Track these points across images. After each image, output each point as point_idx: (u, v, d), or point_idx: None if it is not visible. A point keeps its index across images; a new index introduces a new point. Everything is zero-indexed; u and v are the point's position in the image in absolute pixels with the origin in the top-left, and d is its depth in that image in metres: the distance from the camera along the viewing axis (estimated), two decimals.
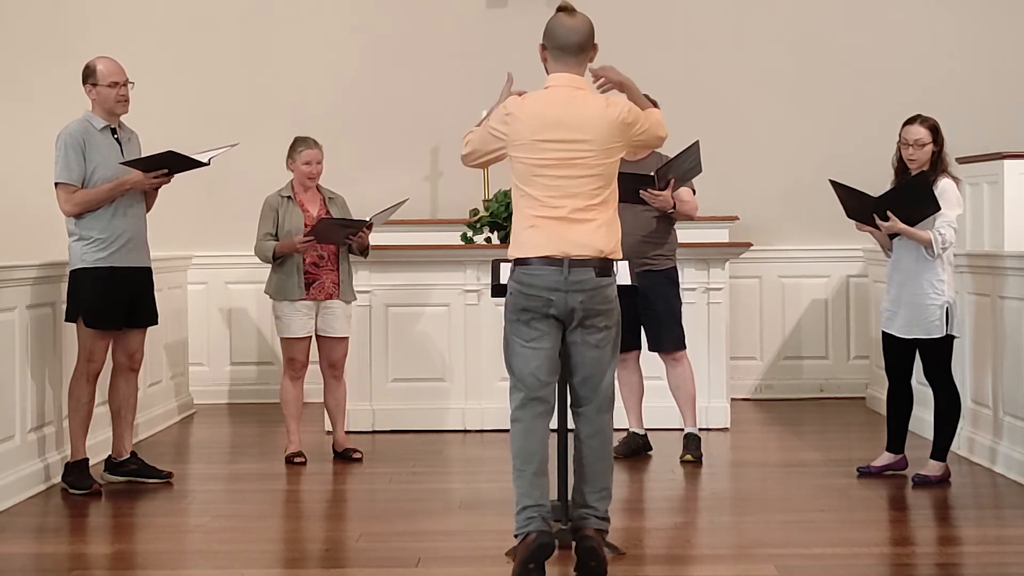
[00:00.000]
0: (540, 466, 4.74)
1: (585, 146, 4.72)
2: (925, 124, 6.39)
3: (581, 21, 4.84)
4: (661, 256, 7.03)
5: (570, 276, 4.70)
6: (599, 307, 4.74)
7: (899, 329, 6.44)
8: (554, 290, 4.70)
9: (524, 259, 4.76)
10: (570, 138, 4.71)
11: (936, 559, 5.20)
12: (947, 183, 6.33)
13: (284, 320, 7.08)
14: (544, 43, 4.86)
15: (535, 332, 4.74)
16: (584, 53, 4.84)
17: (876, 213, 6.29)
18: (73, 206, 6.31)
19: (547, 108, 4.77)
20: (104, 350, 6.44)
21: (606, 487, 4.86)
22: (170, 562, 5.27)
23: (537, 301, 4.72)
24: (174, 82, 9.41)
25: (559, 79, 4.83)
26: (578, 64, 4.84)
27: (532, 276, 4.73)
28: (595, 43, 4.87)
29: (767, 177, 9.54)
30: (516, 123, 4.77)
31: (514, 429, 4.79)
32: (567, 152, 4.71)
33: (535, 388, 4.76)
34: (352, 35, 9.66)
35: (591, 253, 4.72)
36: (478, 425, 8.00)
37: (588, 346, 4.78)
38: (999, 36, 9.58)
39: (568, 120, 4.73)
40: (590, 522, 4.81)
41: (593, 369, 4.81)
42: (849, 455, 7.11)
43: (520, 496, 4.75)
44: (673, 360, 7.16)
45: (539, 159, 4.72)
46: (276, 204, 7.14)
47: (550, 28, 4.84)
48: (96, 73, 6.41)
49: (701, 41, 9.63)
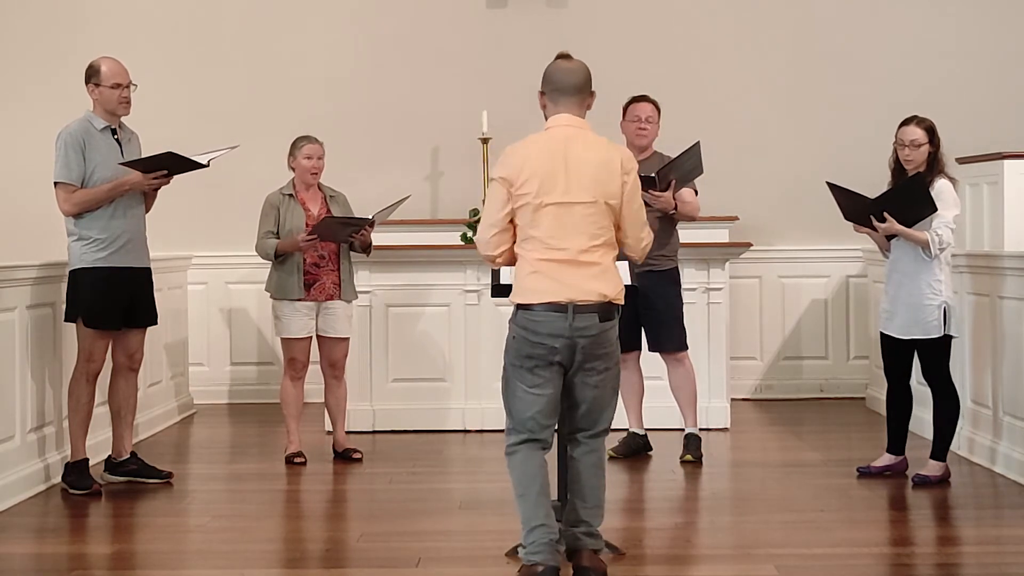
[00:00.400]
0: (542, 487, 4.72)
1: (586, 180, 4.66)
2: (921, 125, 6.39)
3: (578, 64, 4.83)
4: (663, 257, 7.02)
5: (575, 323, 4.64)
6: (599, 351, 4.70)
7: (897, 330, 6.44)
8: (558, 336, 4.65)
9: (527, 304, 4.69)
10: (572, 174, 4.66)
11: (936, 559, 5.20)
12: (944, 184, 6.34)
13: (284, 320, 7.08)
14: (542, 89, 4.84)
15: (539, 379, 4.70)
16: (581, 95, 4.79)
17: (873, 214, 6.29)
18: (72, 206, 6.31)
19: (547, 145, 4.72)
20: (104, 350, 6.44)
21: (599, 503, 4.84)
22: (170, 562, 5.27)
23: (541, 348, 4.67)
24: (174, 83, 9.41)
25: (559, 119, 4.79)
26: (577, 106, 4.79)
27: (536, 323, 4.67)
28: (592, 90, 4.83)
29: (767, 177, 9.54)
30: (517, 164, 4.68)
31: (511, 461, 4.76)
32: (569, 190, 4.65)
33: (535, 431, 4.73)
34: (352, 35, 9.66)
35: (595, 299, 4.67)
36: (478, 425, 8.00)
37: (587, 387, 4.75)
38: (999, 36, 9.57)
39: (569, 158, 4.68)
40: (584, 543, 4.78)
41: (594, 405, 4.79)
42: (849, 455, 7.11)
43: (526, 519, 4.70)
44: (675, 360, 7.16)
45: (542, 197, 4.65)
46: (277, 202, 7.13)
47: (547, 73, 4.82)
48: (100, 73, 6.41)
49: (701, 42, 9.62)
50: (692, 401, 7.19)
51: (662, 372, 7.39)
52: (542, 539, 4.65)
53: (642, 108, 7.11)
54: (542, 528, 4.67)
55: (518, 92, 9.34)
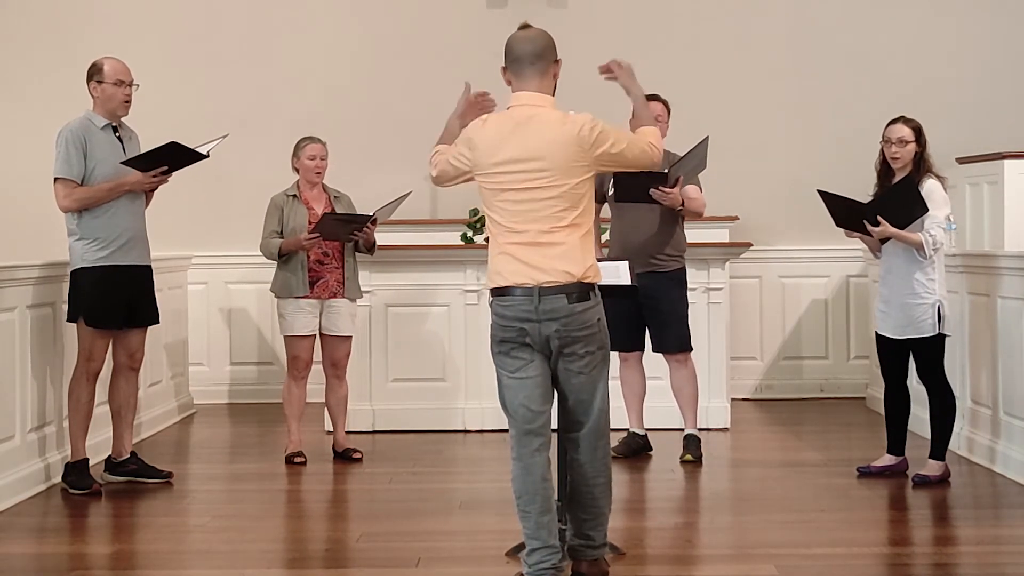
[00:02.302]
0: (543, 504, 4.61)
1: (542, 165, 4.54)
2: (909, 124, 6.44)
3: (536, 32, 4.73)
4: (668, 256, 7.00)
5: (540, 305, 4.53)
6: (576, 334, 4.57)
7: (891, 330, 6.45)
8: (526, 320, 4.54)
9: (497, 288, 4.61)
10: (526, 157, 4.54)
11: (936, 559, 5.20)
12: (933, 184, 6.36)
13: (288, 318, 7.08)
14: (504, 63, 4.74)
15: (518, 362, 4.60)
16: (542, 62, 4.66)
17: (866, 219, 6.29)
18: (72, 202, 6.31)
19: (503, 131, 4.61)
20: (104, 349, 6.44)
21: (601, 514, 4.74)
22: (170, 562, 5.27)
23: (511, 331, 4.58)
24: (174, 83, 9.41)
25: (518, 98, 4.67)
26: (538, 76, 4.66)
27: (505, 306, 4.58)
28: (557, 57, 4.71)
29: (767, 177, 9.54)
30: (475, 150, 4.64)
31: (514, 469, 4.65)
32: (524, 175, 4.54)
33: (527, 419, 4.60)
34: (352, 35, 9.66)
35: (561, 279, 4.54)
36: (478, 425, 8.00)
37: (572, 373, 4.63)
38: (999, 36, 9.58)
39: (523, 141, 4.56)
40: (586, 553, 4.73)
41: (581, 394, 4.66)
42: (849, 455, 7.11)
43: (528, 538, 4.61)
44: (677, 362, 7.15)
45: (499, 184, 4.58)
46: (281, 203, 7.15)
47: (507, 45, 4.73)
48: (102, 71, 6.42)
49: (701, 42, 9.63)
50: (693, 402, 7.19)
51: (662, 372, 7.39)
52: (543, 563, 4.56)
53: (652, 107, 7.10)
54: (545, 550, 4.57)
55: None
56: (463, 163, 4.71)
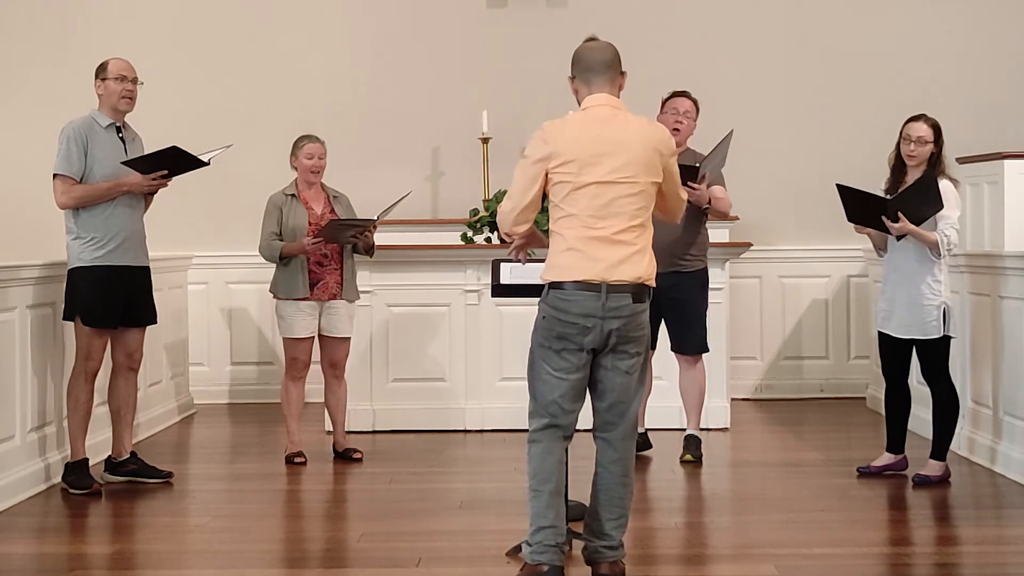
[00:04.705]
0: (557, 486, 4.63)
1: (627, 159, 4.60)
2: (929, 122, 6.42)
3: (605, 44, 4.80)
4: (692, 256, 6.98)
5: (608, 302, 4.56)
6: (633, 334, 4.62)
7: (896, 329, 6.45)
8: (590, 316, 4.56)
9: (559, 283, 4.61)
10: (612, 152, 4.60)
11: (936, 559, 5.19)
12: (946, 184, 6.35)
13: (287, 320, 7.08)
14: (572, 73, 4.78)
15: (566, 363, 4.61)
16: (612, 71, 4.73)
17: (886, 215, 6.27)
18: (69, 199, 6.32)
19: (588, 125, 4.66)
20: (102, 349, 6.44)
21: (624, 513, 4.74)
22: (170, 562, 5.27)
23: (572, 328, 4.58)
24: (174, 83, 9.40)
25: (596, 99, 4.72)
26: (609, 84, 4.73)
27: (568, 302, 4.58)
28: (623, 70, 4.77)
29: (767, 177, 9.54)
30: (557, 141, 4.63)
31: (532, 450, 4.65)
32: (610, 167, 4.59)
33: (557, 416, 4.63)
34: (352, 35, 9.67)
35: (629, 279, 4.59)
36: (478, 425, 8.00)
37: (618, 372, 4.65)
38: (999, 36, 9.58)
39: (610, 136, 4.62)
40: (606, 555, 4.72)
41: (622, 395, 4.68)
42: (849, 455, 7.11)
43: (535, 517, 4.62)
44: (689, 363, 7.14)
45: (582, 177, 4.60)
46: (280, 203, 7.13)
47: (576, 55, 4.78)
48: (106, 68, 6.45)
49: (702, 42, 9.63)
50: (699, 404, 7.18)
51: (663, 372, 7.39)
52: (548, 540, 4.59)
53: (681, 102, 7.11)
54: (550, 530, 4.60)
55: (518, 92, 9.42)
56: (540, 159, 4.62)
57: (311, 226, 7.04)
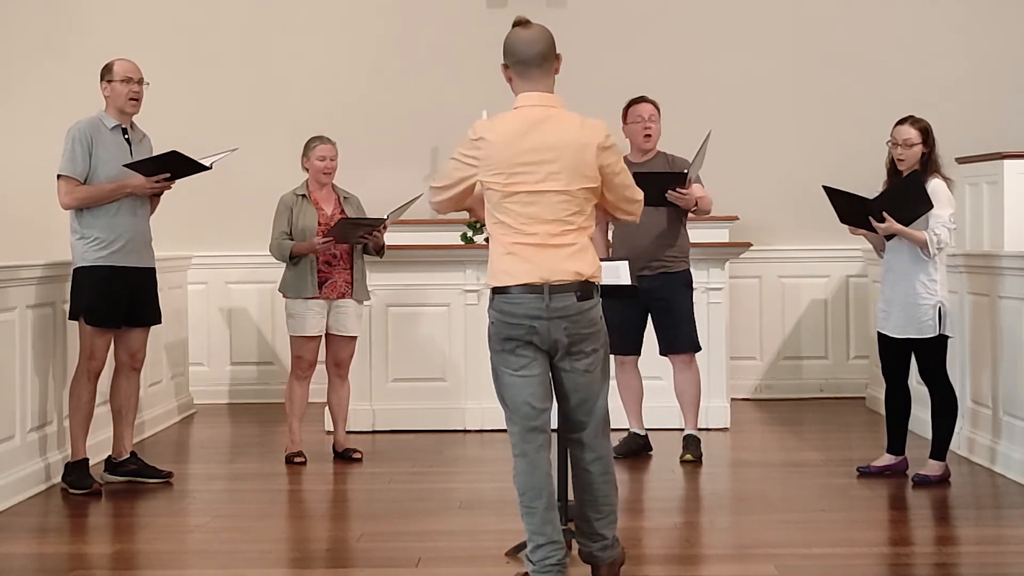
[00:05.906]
0: (549, 500, 4.58)
1: (557, 167, 4.48)
2: (916, 125, 6.41)
3: (538, 31, 4.65)
4: (674, 258, 7.00)
5: (551, 303, 4.49)
6: (584, 331, 4.55)
7: (893, 329, 6.46)
8: (536, 318, 4.50)
9: (503, 288, 4.55)
10: (542, 160, 4.48)
11: (936, 559, 5.19)
12: (938, 183, 6.35)
13: (296, 319, 7.08)
14: (505, 62, 4.64)
15: (523, 359, 4.56)
16: (547, 63, 4.60)
17: (871, 215, 6.29)
18: (73, 200, 6.33)
19: (518, 129, 4.53)
20: (105, 348, 6.45)
21: (613, 510, 4.71)
22: (170, 562, 5.27)
23: (519, 329, 4.52)
24: (174, 83, 9.38)
25: (528, 98, 4.59)
26: (544, 76, 4.60)
27: (512, 305, 4.52)
28: (557, 53, 4.64)
29: (767, 177, 9.54)
30: (487, 147, 4.54)
31: (518, 465, 4.61)
32: (539, 176, 4.48)
33: (531, 417, 4.57)
34: (352, 36, 9.66)
35: (570, 278, 4.51)
36: (478, 425, 8.00)
37: (578, 372, 4.59)
38: (999, 36, 9.58)
39: (541, 142, 4.49)
40: (603, 557, 4.70)
41: (586, 393, 4.63)
42: (849, 455, 7.12)
43: (532, 534, 4.56)
44: (683, 363, 7.14)
45: (511, 184, 4.50)
46: (291, 203, 7.15)
47: (508, 44, 4.63)
48: (112, 70, 6.46)
49: (701, 41, 9.63)
50: (695, 404, 7.18)
51: (662, 372, 7.39)
52: (550, 559, 4.53)
53: (644, 108, 7.10)
54: (550, 546, 4.54)
55: None
56: (469, 164, 4.58)
57: (321, 226, 7.06)
